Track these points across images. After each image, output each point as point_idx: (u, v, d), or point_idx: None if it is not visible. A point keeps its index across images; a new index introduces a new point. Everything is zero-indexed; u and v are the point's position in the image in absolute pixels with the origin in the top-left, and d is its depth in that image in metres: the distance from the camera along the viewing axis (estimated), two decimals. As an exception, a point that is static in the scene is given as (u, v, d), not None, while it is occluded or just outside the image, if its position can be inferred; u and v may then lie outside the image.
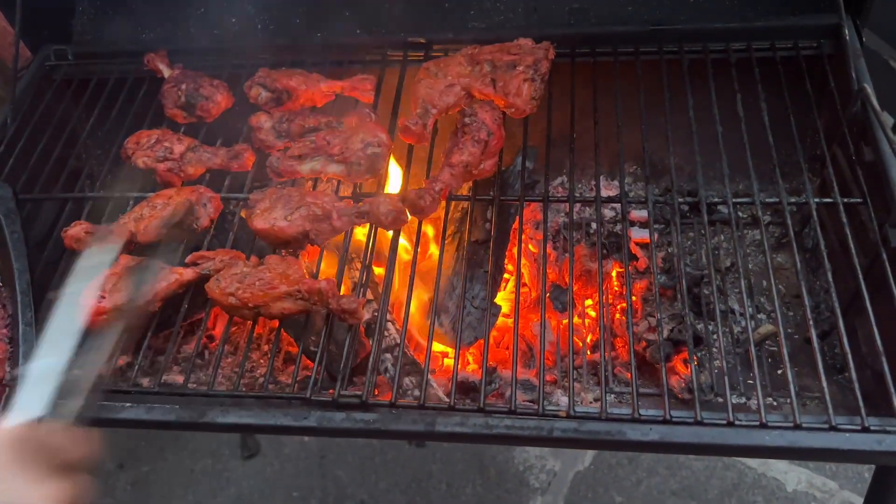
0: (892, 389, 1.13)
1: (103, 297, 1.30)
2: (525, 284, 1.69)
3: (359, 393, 1.20)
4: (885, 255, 1.26)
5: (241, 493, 2.37)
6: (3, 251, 1.32)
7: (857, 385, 1.14)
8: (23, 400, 0.83)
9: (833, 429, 1.09)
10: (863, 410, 1.10)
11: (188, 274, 1.35)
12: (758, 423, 1.11)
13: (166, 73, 1.69)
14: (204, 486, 2.40)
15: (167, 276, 1.33)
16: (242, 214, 1.41)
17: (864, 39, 1.56)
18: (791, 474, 2.26)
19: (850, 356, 1.18)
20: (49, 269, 1.50)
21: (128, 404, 1.26)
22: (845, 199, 1.36)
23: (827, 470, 2.26)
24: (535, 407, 1.17)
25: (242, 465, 2.43)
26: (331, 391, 1.24)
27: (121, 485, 2.42)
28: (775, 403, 1.42)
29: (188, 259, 1.40)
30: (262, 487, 2.38)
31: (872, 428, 1.09)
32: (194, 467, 2.45)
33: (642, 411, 1.15)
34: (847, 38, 1.48)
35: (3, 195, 1.39)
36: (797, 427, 1.10)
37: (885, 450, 1.07)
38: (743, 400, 1.44)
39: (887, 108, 1.85)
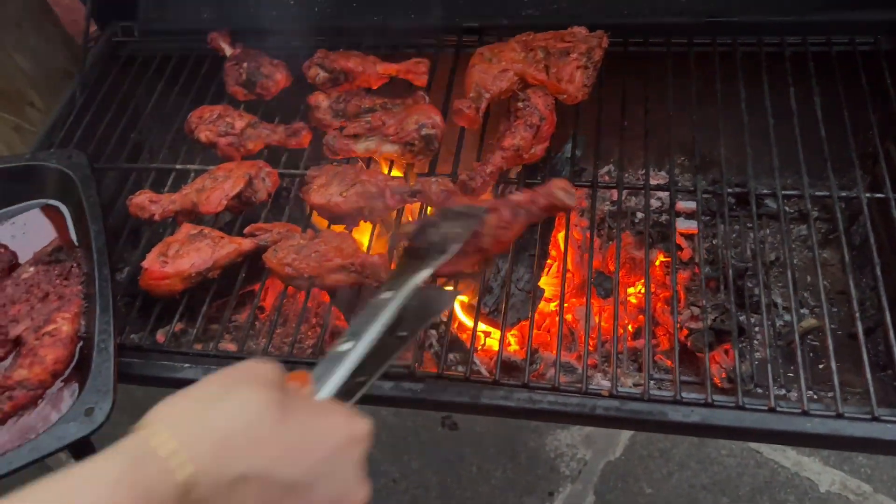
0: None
1: (166, 263, 1.36)
2: (568, 270, 1.71)
3: (407, 363, 1.24)
4: (935, 252, 1.27)
5: (278, 465, 2.44)
6: (79, 214, 1.40)
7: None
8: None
9: (875, 419, 1.10)
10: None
11: (247, 244, 1.41)
12: (800, 410, 1.12)
13: (228, 51, 1.75)
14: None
15: (226, 245, 1.39)
16: (301, 193, 1.45)
17: (922, 35, 1.55)
18: (825, 475, 2.25)
19: (895, 351, 1.18)
20: (111, 236, 1.57)
21: (186, 365, 1.32)
22: (897, 196, 1.37)
23: (862, 473, 2.25)
24: (578, 385, 1.20)
25: (280, 437, 2.50)
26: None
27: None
28: (815, 396, 1.42)
29: (246, 230, 1.45)
30: (297, 460, 2.44)
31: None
32: (233, 438, 2.52)
33: (683, 394, 1.17)
34: (905, 33, 1.47)
35: (81, 162, 1.46)
36: (839, 416, 1.11)
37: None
38: (783, 392, 1.45)
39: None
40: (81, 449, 1.55)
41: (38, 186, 1.53)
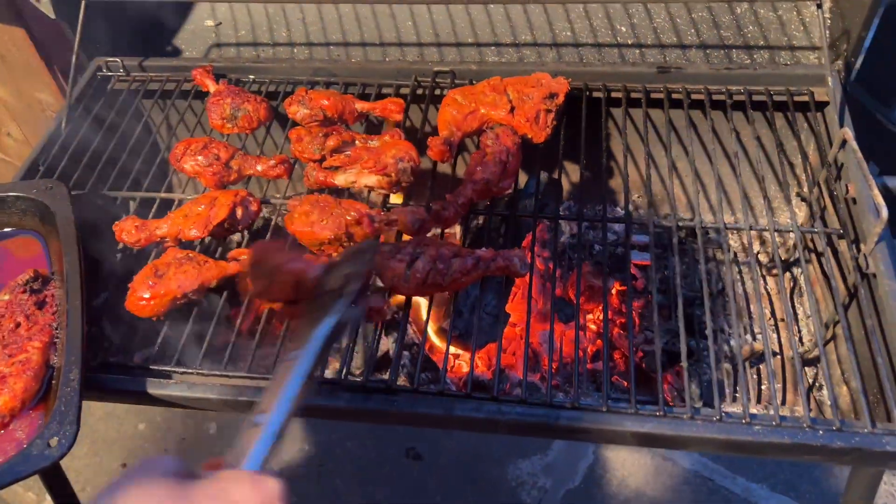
0: (864, 400, 1.27)
1: (153, 284, 1.42)
2: (532, 297, 1.82)
3: (385, 378, 1.32)
4: (859, 280, 1.40)
5: (243, 495, 2.44)
6: (56, 245, 1.43)
7: (833, 398, 1.27)
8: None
9: (810, 427, 1.22)
10: (837, 415, 1.23)
11: (231, 268, 1.48)
12: (743, 420, 1.24)
13: (212, 87, 1.83)
14: (207, 486, 2.47)
15: (211, 268, 1.46)
16: (283, 222, 1.53)
17: (848, 89, 1.72)
18: (772, 500, 2.36)
19: (828, 373, 1.31)
20: (95, 261, 1.62)
21: (171, 381, 1.37)
22: (827, 230, 1.51)
23: (807, 498, 2.37)
24: (544, 399, 1.30)
25: (245, 467, 2.51)
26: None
27: (125, 483, 2.49)
28: (758, 413, 1.54)
29: (229, 255, 1.52)
30: (262, 491, 2.45)
31: (844, 429, 1.21)
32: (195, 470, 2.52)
33: (639, 407, 1.27)
34: (832, 86, 1.64)
35: (60, 193, 1.50)
36: (778, 426, 1.23)
37: (854, 446, 1.20)
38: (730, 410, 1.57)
39: (874, 156, 2.01)
40: (53, 478, 1.57)
41: (16, 217, 1.58)
